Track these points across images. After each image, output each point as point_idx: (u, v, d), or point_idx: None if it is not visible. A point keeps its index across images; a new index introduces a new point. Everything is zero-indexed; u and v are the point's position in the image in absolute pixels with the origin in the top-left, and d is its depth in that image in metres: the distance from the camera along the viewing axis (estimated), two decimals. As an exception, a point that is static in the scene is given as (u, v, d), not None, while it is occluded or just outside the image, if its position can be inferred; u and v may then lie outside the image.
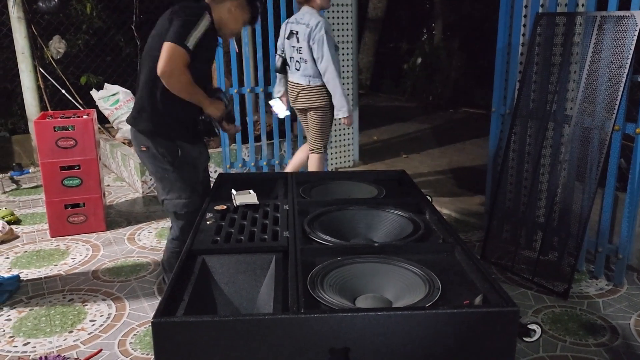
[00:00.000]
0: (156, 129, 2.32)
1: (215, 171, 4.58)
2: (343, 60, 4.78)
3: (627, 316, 2.49)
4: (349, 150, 5.05)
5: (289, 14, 4.00)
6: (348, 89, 4.89)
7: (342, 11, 4.66)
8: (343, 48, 4.73)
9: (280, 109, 3.94)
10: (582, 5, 2.77)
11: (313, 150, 3.74)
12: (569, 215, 2.79)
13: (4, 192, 4.54)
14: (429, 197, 2.21)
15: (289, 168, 4.04)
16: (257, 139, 4.70)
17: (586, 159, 2.71)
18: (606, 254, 2.83)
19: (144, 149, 2.35)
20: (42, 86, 5.36)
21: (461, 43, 9.19)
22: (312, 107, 3.63)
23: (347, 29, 4.72)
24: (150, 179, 4.20)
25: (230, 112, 2.52)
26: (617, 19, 2.51)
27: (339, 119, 3.59)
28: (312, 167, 3.77)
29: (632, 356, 2.19)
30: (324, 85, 3.53)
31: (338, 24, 4.65)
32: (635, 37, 2.42)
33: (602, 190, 2.76)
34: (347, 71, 4.85)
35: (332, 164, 4.93)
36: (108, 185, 4.70)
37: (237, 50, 4.34)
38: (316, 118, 3.65)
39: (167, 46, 2.13)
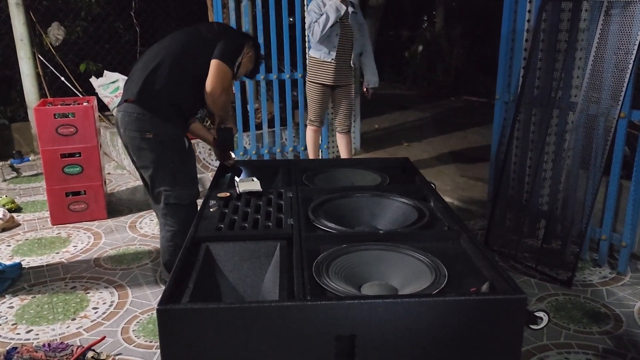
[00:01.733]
0: (171, 115, 2.28)
1: (216, 159, 4.56)
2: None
3: (631, 304, 2.48)
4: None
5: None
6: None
7: (344, -3, 4.61)
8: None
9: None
10: (589, -10, 2.74)
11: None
12: (573, 204, 2.78)
13: (4, 180, 4.52)
14: (433, 185, 2.20)
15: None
16: (259, 126, 4.67)
17: (591, 146, 2.69)
18: (610, 242, 2.82)
19: (150, 135, 2.25)
20: (41, 73, 5.32)
21: (463, 30, 9.12)
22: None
23: (349, 16, 4.67)
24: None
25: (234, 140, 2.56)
26: (624, 4, 2.47)
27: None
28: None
29: (636, 344, 2.19)
30: (313, 57, 3.93)
31: (340, 10, 4.60)
32: (642, 23, 2.39)
33: (606, 179, 2.75)
34: (349, 58, 4.80)
35: (333, 153, 4.90)
36: (109, 174, 4.68)
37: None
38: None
39: (219, 65, 2.24)
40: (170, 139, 2.29)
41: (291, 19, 4.58)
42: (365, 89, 4.16)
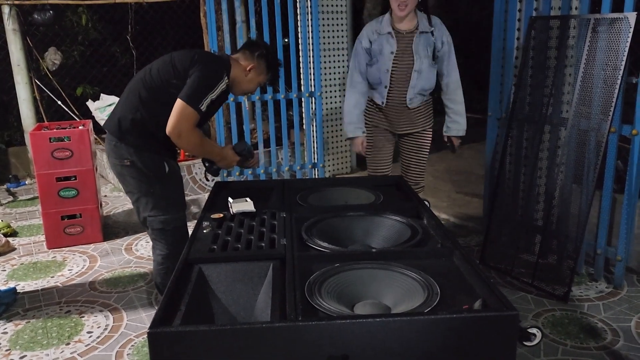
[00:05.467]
0: (145, 142, 2.25)
1: (213, 179, 4.57)
2: (338, 66, 4.79)
3: (628, 319, 2.47)
4: (346, 157, 5.05)
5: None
6: (344, 96, 4.89)
7: (337, 18, 4.68)
8: (338, 54, 4.74)
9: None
10: (576, 8, 2.78)
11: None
12: (567, 218, 2.79)
13: (1, 205, 4.52)
14: (426, 202, 2.20)
15: None
16: (254, 146, 4.69)
17: (583, 161, 2.71)
18: (605, 257, 2.82)
19: (128, 163, 2.24)
20: (38, 98, 5.36)
21: (456, 47, 9.21)
22: None
23: (342, 35, 4.74)
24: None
25: (250, 151, 2.45)
26: (611, 21, 2.51)
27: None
28: None
29: (633, 359, 2.18)
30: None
31: (333, 30, 4.67)
32: (629, 39, 2.43)
33: (599, 193, 2.76)
34: (343, 78, 4.86)
35: (329, 171, 4.92)
36: (105, 196, 4.68)
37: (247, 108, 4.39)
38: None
39: (180, 106, 2.09)
40: (147, 167, 2.26)
41: (285, 40, 4.63)
42: (446, 138, 3.11)
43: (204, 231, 1.87)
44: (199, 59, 2.19)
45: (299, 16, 4.51)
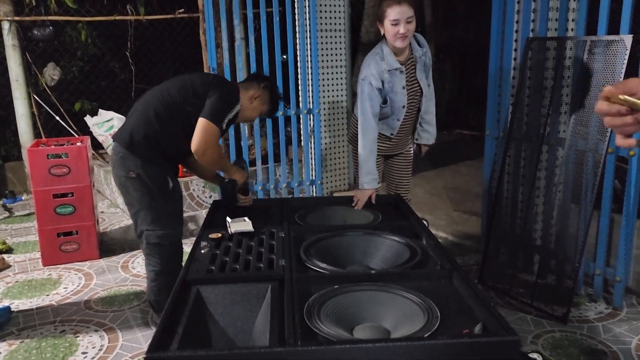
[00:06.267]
0: (154, 157, 2.31)
1: (210, 196, 4.56)
2: (336, 84, 4.81)
3: (628, 340, 2.46)
4: (343, 174, 5.05)
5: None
6: (342, 113, 4.92)
7: (335, 36, 4.71)
8: (336, 72, 4.77)
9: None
10: (572, 29, 2.81)
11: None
12: (566, 238, 2.78)
13: (-4, 220, 4.50)
14: (425, 221, 2.20)
15: None
16: (252, 163, 4.69)
17: (581, 181, 2.71)
18: (604, 277, 2.81)
19: (134, 175, 2.30)
20: (36, 113, 5.36)
21: (453, 64, 9.29)
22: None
23: (340, 54, 4.77)
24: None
25: (247, 183, 2.52)
26: (607, 43, 2.54)
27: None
28: None
29: (635, 381, 2.16)
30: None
31: (330, 48, 4.70)
32: (625, 61, 2.45)
33: (598, 213, 2.76)
34: (341, 95, 4.88)
35: (327, 188, 4.92)
36: (102, 212, 4.66)
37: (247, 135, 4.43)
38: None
39: (204, 124, 2.22)
40: (152, 180, 2.31)
41: (284, 57, 4.66)
42: (415, 146, 3.10)
43: (202, 251, 1.86)
44: (217, 82, 2.35)
45: (297, 34, 4.54)
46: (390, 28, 2.56)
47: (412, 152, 3.05)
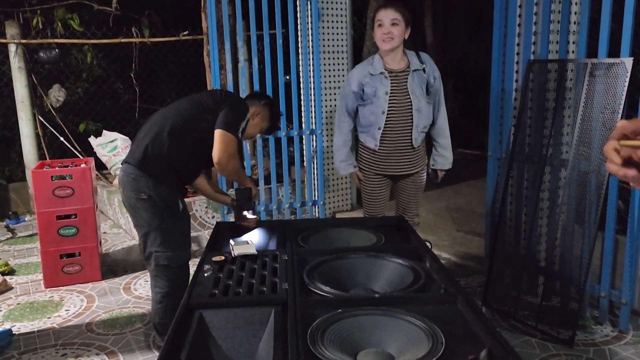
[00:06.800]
0: (166, 177, 2.33)
1: (213, 217, 4.56)
2: (339, 105, 4.83)
3: (635, 364, 2.43)
4: (346, 194, 5.05)
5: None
6: (345, 134, 4.93)
7: (337, 57, 4.76)
8: (338, 92, 4.79)
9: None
10: (573, 52, 2.84)
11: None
12: (570, 260, 2.77)
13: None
14: (428, 243, 2.19)
15: None
16: (255, 183, 4.70)
17: (584, 202, 2.71)
18: (610, 299, 2.79)
19: (145, 196, 2.30)
20: (40, 134, 5.40)
21: (455, 84, 9.35)
22: None
23: (343, 75, 4.81)
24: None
25: (253, 202, 2.57)
26: (608, 66, 2.56)
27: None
28: None
29: (643, 407, 2.13)
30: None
31: (333, 70, 4.74)
32: (626, 84, 2.47)
33: (602, 234, 2.75)
34: (344, 116, 4.91)
35: (329, 208, 4.91)
36: (104, 233, 4.66)
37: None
38: None
39: (223, 134, 2.28)
40: (163, 201, 2.32)
41: (287, 77, 4.70)
42: (431, 170, 3.08)
43: (205, 274, 1.85)
44: (226, 95, 2.45)
45: (300, 55, 4.59)
46: (376, 30, 2.73)
47: (423, 177, 3.02)
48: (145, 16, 5.77)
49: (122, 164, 2.41)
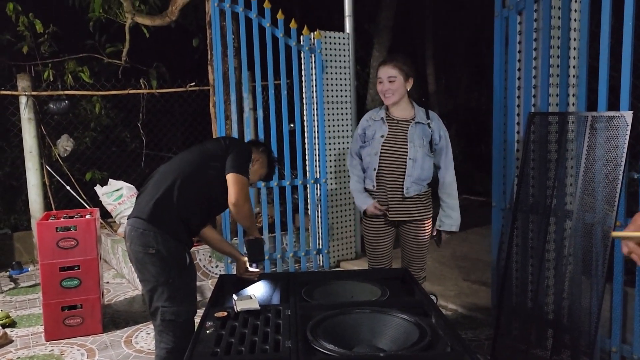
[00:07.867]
0: (175, 230, 2.32)
1: (217, 266, 4.53)
2: (342, 153, 4.88)
3: (651, 423, 2.34)
4: (350, 243, 5.02)
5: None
6: (348, 182, 4.95)
7: (341, 107, 4.83)
8: (343, 141, 4.85)
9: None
10: (573, 104, 2.88)
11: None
12: (579, 312, 2.72)
13: (2, 292, 4.46)
14: (433, 297, 2.16)
15: None
16: (259, 231, 4.69)
17: (591, 253, 2.68)
18: (621, 355, 2.72)
19: (153, 251, 2.27)
20: (47, 183, 5.45)
21: (457, 131, 9.46)
22: None
23: (347, 124, 4.87)
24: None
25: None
26: (608, 119, 2.59)
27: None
28: None
29: None
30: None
31: (337, 119, 4.81)
32: (627, 137, 2.49)
33: (610, 286, 2.71)
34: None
35: (333, 257, 4.88)
36: (107, 282, 4.62)
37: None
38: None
39: (236, 177, 2.35)
40: (171, 255, 2.30)
41: (291, 125, 4.76)
42: (435, 232, 3.00)
43: (207, 331, 1.83)
44: (230, 142, 2.51)
45: (304, 105, 4.67)
46: (378, 86, 2.88)
47: (427, 230, 2.97)
48: (153, 68, 5.93)
49: (128, 218, 2.40)
